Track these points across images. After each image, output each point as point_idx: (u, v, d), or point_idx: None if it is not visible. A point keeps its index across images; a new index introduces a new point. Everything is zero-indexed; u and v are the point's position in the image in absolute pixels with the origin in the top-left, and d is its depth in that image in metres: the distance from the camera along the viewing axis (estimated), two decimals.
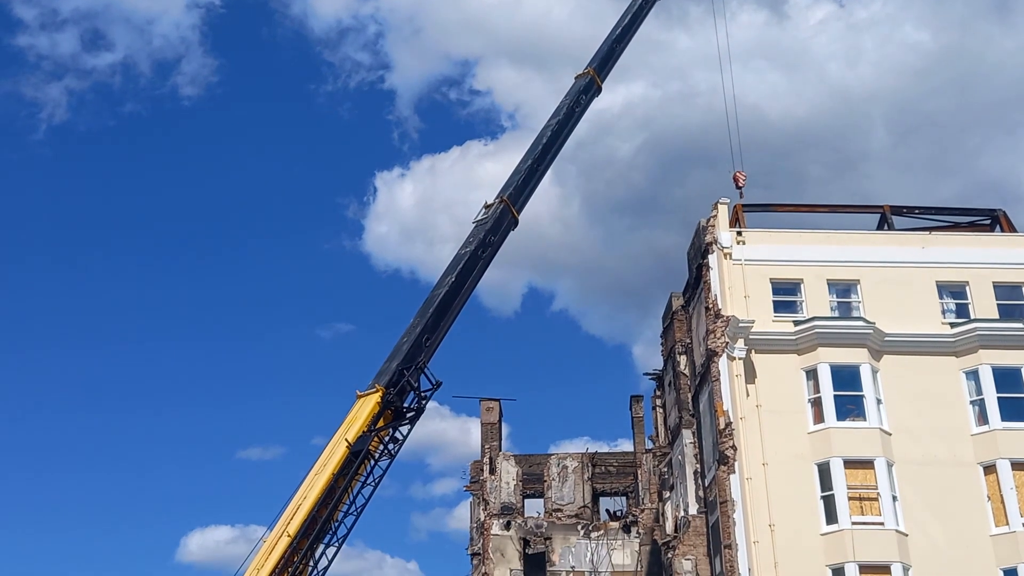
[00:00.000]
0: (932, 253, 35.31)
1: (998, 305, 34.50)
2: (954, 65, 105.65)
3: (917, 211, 38.31)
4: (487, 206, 34.94)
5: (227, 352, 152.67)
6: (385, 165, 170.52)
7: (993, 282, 34.76)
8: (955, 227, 37.83)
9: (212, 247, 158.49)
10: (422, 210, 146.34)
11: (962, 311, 34.58)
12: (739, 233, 35.19)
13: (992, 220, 37.77)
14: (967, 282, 34.83)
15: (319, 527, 26.77)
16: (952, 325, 33.93)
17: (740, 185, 37.35)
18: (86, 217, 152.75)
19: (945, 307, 34.74)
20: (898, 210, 37.87)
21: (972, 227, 37.85)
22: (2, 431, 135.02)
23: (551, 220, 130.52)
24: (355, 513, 27.77)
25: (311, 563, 26.71)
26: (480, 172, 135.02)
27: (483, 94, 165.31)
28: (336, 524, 27.38)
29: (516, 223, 35.24)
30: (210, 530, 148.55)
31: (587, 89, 39.35)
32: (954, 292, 34.99)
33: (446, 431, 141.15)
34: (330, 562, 27.23)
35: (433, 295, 32.20)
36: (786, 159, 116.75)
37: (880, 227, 37.63)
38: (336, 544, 27.34)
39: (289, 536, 26.00)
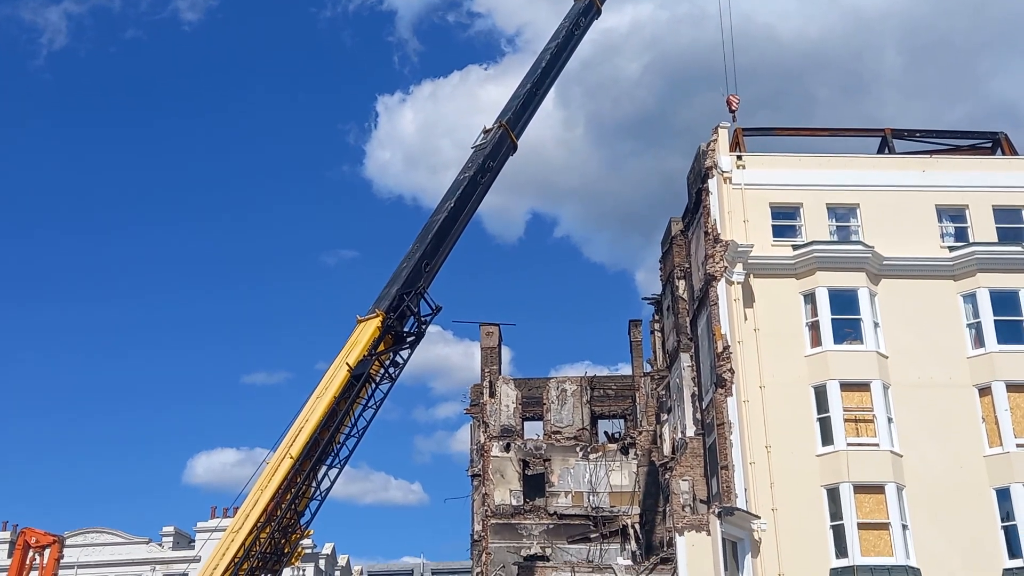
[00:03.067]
0: (932, 177, 35.22)
1: (997, 228, 34.53)
2: None
3: (918, 134, 38.11)
4: (486, 131, 34.76)
5: (232, 278, 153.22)
6: (386, 88, 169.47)
7: (993, 205, 34.74)
8: (956, 150, 37.66)
9: (215, 175, 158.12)
10: (424, 135, 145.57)
11: (961, 235, 34.62)
12: (739, 157, 35.04)
13: (994, 143, 37.61)
14: (967, 205, 34.81)
15: (321, 449, 27.11)
16: (951, 249, 34.00)
17: (733, 109, 37.06)
18: (86, 148, 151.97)
19: (944, 231, 34.78)
20: (899, 133, 37.67)
21: (973, 150, 37.70)
22: (25, 366, 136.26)
23: (555, 144, 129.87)
24: (357, 435, 28.11)
25: (314, 484, 27.12)
26: (482, 96, 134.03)
27: (483, 16, 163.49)
28: (338, 446, 27.72)
29: (515, 148, 35.10)
30: (216, 453, 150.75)
31: (586, 11, 38.86)
32: (953, 216, 35.00)
33: (449, 356, 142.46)
34: (332, 483, 27.64)
35: (432, 220, 32.19)
36: (797, 81, 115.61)
37: (881, 151, 37.47)
38: (338, 466, 27.72)
39: (292, 458, 26.34)
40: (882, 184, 34.99)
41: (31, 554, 46.26)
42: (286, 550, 26.58)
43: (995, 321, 32.91)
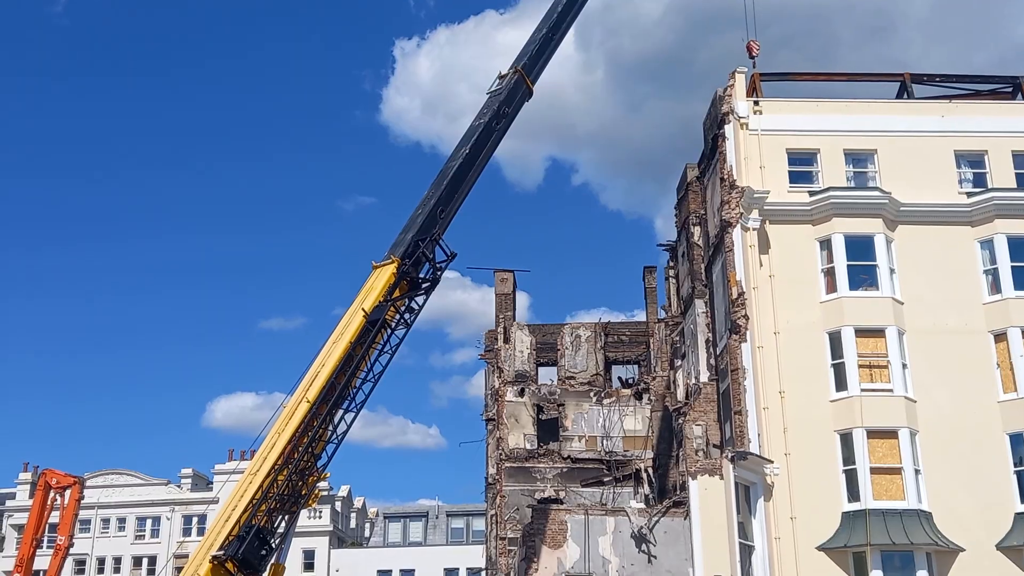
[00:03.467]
0: (951, 122, 34.87)
1: (1016, 174, 34.28)
2: None
3: (938, 79, 37.65)
4: (501, 76, 34.45)
5: (249, 224, 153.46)
6: (403, 32, 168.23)
7: (1012, 151, 34.42)
8: (976, 95, 37.22)
9: (232, 120, 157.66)
10: (441, 81, 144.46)
11: (979, 180, 34.37)
12: (756, 103, 34.75)
13: (1014, 87, 37.13)
14: (986, 151, 34.50)
15: (337, 394, 27.26)
16: (969, 195, 33.77)
17: (754, 55, 36.67)
18: (103, 94, 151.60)
19: (962, 176, 34.53)
20: (918, 78, 37.23)
21: (993, 95, 37.25)
22: (50, 312, 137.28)
23: (574, 88, 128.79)
24: (372, 380, 28.24)
25: (330, 428, 27.32)
26: (499, 40, 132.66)
27: None
28: (354, 391, 27.86)
29: (531, 94, 34.76)
30: (235, 397, 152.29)
31: None
32: (972, 161, 34.71)
33: (466, 301, 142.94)
34: (348, 427, 27.84)
35: (447, 167, 32.04)
36: (823, 21, 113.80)
37: (900, 95, 37.09)
38: (354, 410, 27.86)
39: (308, 402, 26.52)
40: (900, 129, 34.68)
41: (52, 495, 47.09)
42: (303, 492, 26.86)
43: (1012, 267, 32.80)
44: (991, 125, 34.76)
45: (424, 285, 29.64)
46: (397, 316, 28.79)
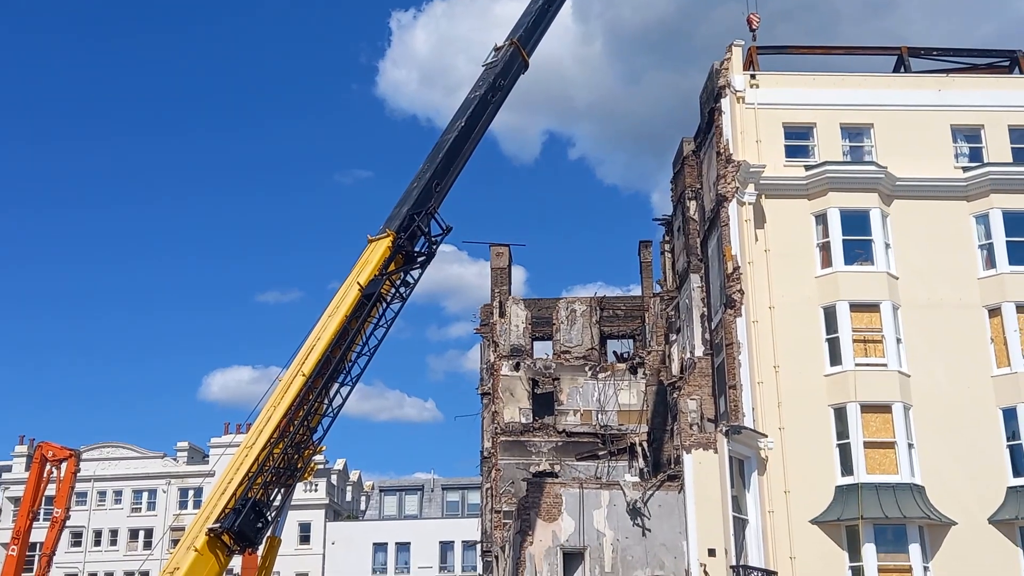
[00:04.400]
0: (948, 96, 34.80)
1: (1012, 149, 34.25)
2: None
3: (935, 53, 37.56)
4: (497, 48, 34.24)
5: (246, 197, 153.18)
6: (399, 4, 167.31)
7: (1009, 125, 34.37)
8: (973, 69, 37.13)
9: (229, 93, 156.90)
10: (438, 53, 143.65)
11: (976, 155, 34.34)
12: (753, 76, 34.64)
13: (1012, 62, 37.05)
14: (982, 125, 34.45)
15: (333, 367, 27.24)
16: (965, 169, 33.76)
17: (753, 28, 36.51)
18: (101, 60, 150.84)
19: (959, 151, 34.50)
20: (916, 52, 37.13)
21: (991, 69, 37.16)
22: (47, 284, 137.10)
23: (572, 60, 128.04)
24: (368, 354, 28.22)
25: (326, 401, 27.34)
26: (497, 11, 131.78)
27: None
28: (350, 364, 27.84)
29: (527, 66, 34.55)
30: (231, 370, 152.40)
31: None
32: (969, 136, 34.67)
33: (463, 275, 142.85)
34: (344, 400, 27.85)
35: (443, 140, 31.89)
36: None
37: (897, 69, 36.99)
38: (350, 383, 27.87)
39: (304, 376, 26.50)
40: (897, 104, 34.61)
41: (48, 467, 47.18)
42: (299, 465, 26.88)
43: (1007, 242, 32.84)
44: (988, 99, 34.70)
45: (419, 259, 29.55)
46: (392, 290, 28.73)
